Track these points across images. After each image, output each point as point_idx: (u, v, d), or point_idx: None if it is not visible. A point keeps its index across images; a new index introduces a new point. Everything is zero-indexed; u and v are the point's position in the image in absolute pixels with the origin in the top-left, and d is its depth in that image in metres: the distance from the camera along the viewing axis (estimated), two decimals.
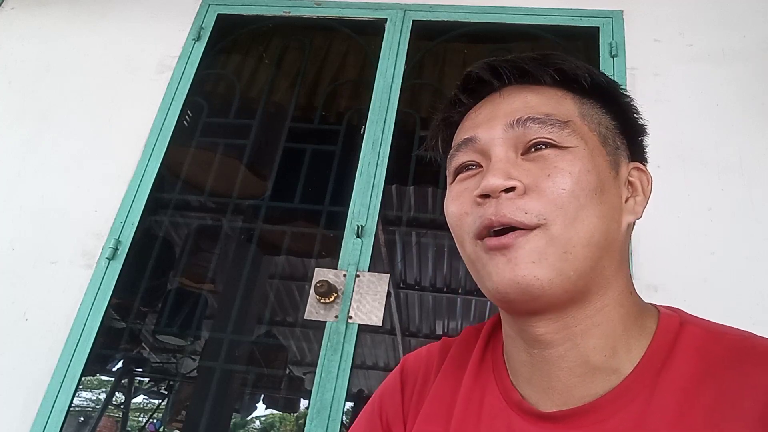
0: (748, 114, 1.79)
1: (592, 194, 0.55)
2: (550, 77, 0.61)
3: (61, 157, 2.06)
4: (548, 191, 0.54)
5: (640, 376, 0.54)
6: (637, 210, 0.61)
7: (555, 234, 0.53)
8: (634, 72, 1.92)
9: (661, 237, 1.62)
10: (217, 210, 3.25)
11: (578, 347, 0.55)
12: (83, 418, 5.47)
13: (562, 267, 0.53)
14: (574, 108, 0.60)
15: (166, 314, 3.30)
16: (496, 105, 0.62)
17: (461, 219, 0.59)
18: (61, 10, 2.42)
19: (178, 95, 2.11)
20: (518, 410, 0.58)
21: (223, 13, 2.31)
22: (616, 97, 0.63)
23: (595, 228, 0.55)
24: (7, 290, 1.83)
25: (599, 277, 0.56)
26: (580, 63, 0.62)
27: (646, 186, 0.63)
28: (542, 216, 0.54)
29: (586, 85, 0.61)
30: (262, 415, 8.80)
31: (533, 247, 0.53)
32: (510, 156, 0.57)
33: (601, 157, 0.58)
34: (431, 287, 4.49)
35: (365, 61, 2.44)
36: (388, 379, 0.73)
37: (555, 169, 0.55)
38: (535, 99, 0.60)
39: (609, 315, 0.56)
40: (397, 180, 2.63)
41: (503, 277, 0.53)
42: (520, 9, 2.12)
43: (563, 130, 0.57)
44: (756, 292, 1.52)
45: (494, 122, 0.60)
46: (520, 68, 0.62)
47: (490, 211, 0.55)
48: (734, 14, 1.99)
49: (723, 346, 0.53)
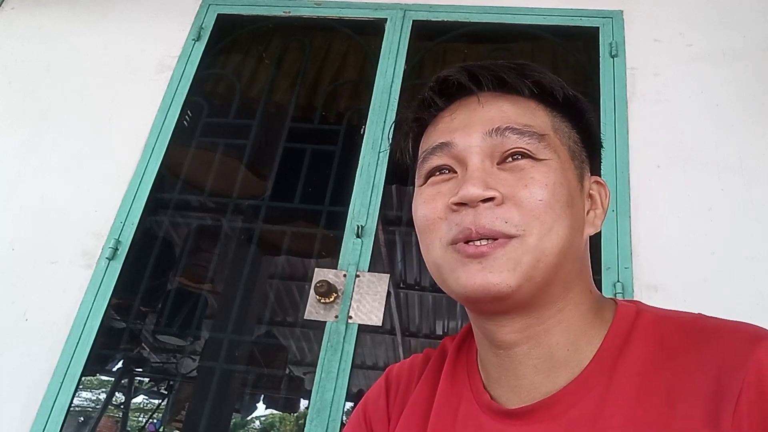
0: (748, 114, 1.79)
1: (565, 206, 0.57)
2: (528, 89, 0.62)
3: (61, 157, 2.06)
4: (526, 202, 0.56)
5: (598, 365, 0.56)
6: (596, 223, 0.63)
7: (531, 244, 0.55)
8: (634, 72, 1.92)
9: (661, 237, 1.62)
10: (217, 210, 3.25)
11: (541, 345, 0.58)
12: (83, 418, 5.47)
13: (532, 274, 0.55)
14: (547, 121, 0.61)
15: (166, 314, 3.30)
16: (473, 111, 0.62)
17: (433, 223, 0.59)
18: (61, 10, 2.42)
19: (178, 95, 2.11)
20: (488, 411, 0.60)
21: (223, 13, 2.30)
22: (582, 112, 0.65)
23: (566, 239, 0.57)
24: (7, 290, 1.83)
25: (562, 281, 0.58)
26: (554, 77, 0.63)
27: (604, 199, 0.65)
28: (521, 227, 0.55)
29: (559, 99, 0.62)
30: (262, 415, 8.80)
31: (509, 257, 0.54)
32: (486, 165, 0.58)
33: (570, 171, 0.60)
34: (431, 287, 4.49)
35: (365, 61, 2.44)
36: (372, 387, 0.76)
37: (532, 180, 0.57)
38: (511, 109, 0.61)
39: (570, 313, 0.58)
40: (397, 180, 2.63)
41: (473, 281, 0.55)
42: (520, 9, 2.12)
43: (540, 143, 0.59)
44: (756, 292, 1.52)
45: (471, 129, 0.60)
46: (498, 77, 0.62)
47: (468, 220, 0.56)
48: (734, 14, 1.99)
49: (676, 329, 0.55)
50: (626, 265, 1.61)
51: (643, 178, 1.71)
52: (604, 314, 0.60)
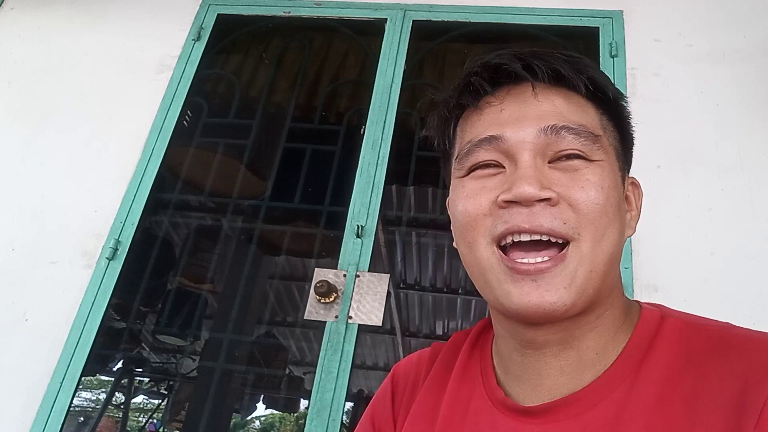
0: (748, 114, 1.79)
1: (616, 210, 0.56)
2: (584, 85, 0.58)
3: (61, 157, 2.05)
4: (582, 204, 0.53)
5: (620, 368, 0.54)
6: (632, 225, 0.62)
7: (585, 252, 0.53)
8: (634, 72, 1.92)
9: (661, 237, 1.62)
10: (217, 210, 3.25)
11: (572, 348, 0.56)
12: (83, 418, 5.46)
13: (585, 287, 0.53)
14: (597, 120, 0.59)
15: (166, 314, 3.30)
16: (524, 103, 0.58)
17: (476, 220, 0.56)
18: (61, 10, 2.42)
19: (178, 95, 2.11)
20: (502, 408, 0.58)
21: (223, 13, 2.30)
22: (622, 111, 0.63)
23: (615, 244, 0.55)
24: (7, 290, 1.83)
25: (607, 289, 0.56)
26: (605, 74, 0.61)
27: (638, 200, 0.63)
28: (577, 229, 0.53)
29: (610, 97, 0.60)
30: (262, 415, 8.80)
31: (567, 273, 0.52)
32: (539, 163, 0.55)
33: (618, 173, 0.59)
34: (431, 287, 4.49)
35: (365, 61, 2.44)
36: (380, 388, 0.74)
37: (588, 182, 0.54)
38: (563, 105, 0.58)
39: (606, 319, 0.57)
40: (397, 180, 2.63)
41: (527, 300, 0.52)
42: (520, 9, 2.12)
43: (594, 144, 0.56)
44: (756, 292, 1.52)
45: (524, 124, 0.56)
46: (554, 70, 0.58)
47: (520, 218, 0.53)
48: (734, 14, 1.99)
49: (702, 337, 0.54)
50: (626, 265, 1.60)
51: (643, 178, 1.70)
52: (630, 317, 0.59)
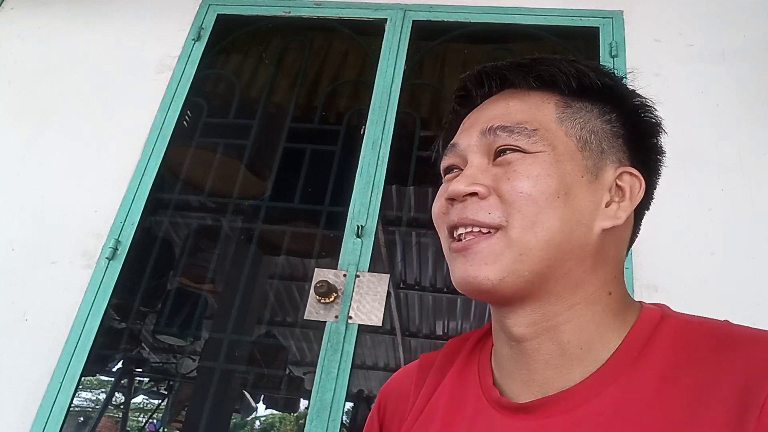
0: (748, 114, 1.79)
1: (552, 197, 0.57)
2: (527, 84, 0.63)
3: (61, 157, 2.05)
4: (506, 194, 0.57)
5: (615, 364, 0.55)
6: (619, 215, 0.60)
7: (513, 237, 0.56)
8: (634, 72, 1.91)
9: (661, 237, 1.62)
10: (217, 210, 3.25)
11: (552, 341, 0.58)
12: (83, 418, 5.47)
13: (515, 267, 0.56)
14: (552, 113, 0.62)
15: (166, 314, 3.31)
16: (479, 112, 0.65)
17: (439, 218, 0.63)
18: (61, 10, 2.42)
19: (178, 95, 2.11)
20: (497, 406, 0.60)
21: (223, 14, 2.30)
22: (619, 99, 0.64)
23: (555, 231, 0.56)
24: (7, 290, 1.83)
25: (564, 277, 0.57)
26: (571, 65, 0.63)
27: (636, 191, 0.62)
28: (503, 218, 0.57)
29: (567, 89, 0.62)
30: (262, 415, 8.80)
31: (489, 251, 0.57)
32: (482, 162, 0.61)
33: (571, 162, 0.59)
34: (431, 287, 4.49)
35: (365, 61, 2.44)
36: (369, 415, 0.77)
37: (514, 173, 0.58)
38: (516, 105, 0.63)
39: (580, 312, 0.58)
40: (397, 180, 2.63)
41: (459, 275, 0.58)
42: (520, 9, 2.12)
43: (529, 138, 0.59)
44: (756, 292, 1.52)
45: (472, 130, 0.63)
46: (501, 75, 0.65)
47: (455, 212, 0.60)
48: (734, 14, 1.99)
49: (702, 335, 0.55)
50: (626, 265, 1.60)
51: None
52: (626, 316, 0.59)
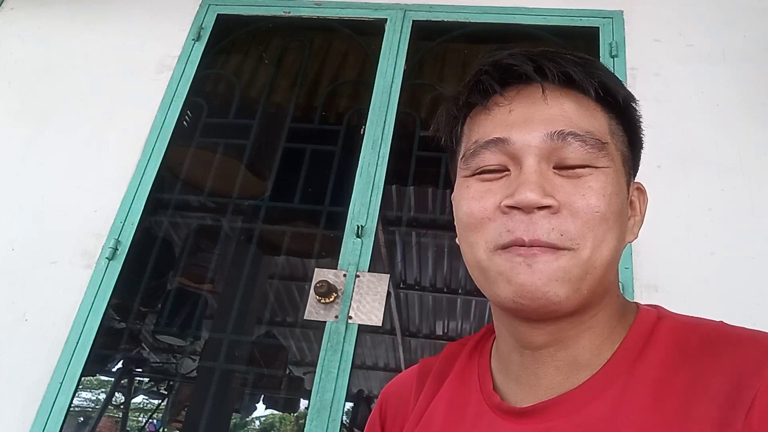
0: (748, 114, 1.79)
1: (617, 216, 0.55)
2: (594, 90, 0.57)
3: (61, 157, 2.05)
4: (582, 212, 0.53)
5: (613, 367, 0.55)
6: (635, 231, 0.62)
7: (583, 257, 0.53)
8: (634, 72, 1.92)
9: (661, 237, 1.62)
10: (217, 210, 3.25)
11: (568, 348, 0.57)
12: (83, 418, 5.47)
13: (579, 286, 0.53)
14: (605, 125, 0.58)
15: (166, 314, 3.30)
16: (533, 106, 0.58)
17: (480, 223, 0.56)
18: (61, 10, 2.42)
19: (177, 95, 2.11)
20: (499, 411, 0.59)
21: (223, 14, 2.30)
22: (633, 115, 0.62)
23: (614, 250, 0.55)
24: (7, 290, 1.83)
25: (603, 290, 0.57)
26: (616, 77, 0.61)
27: (643, 206, 0.63)
28: (576, 240, 0.53)
29: (620, 102, 0.59)
30: (262, 415, 8.80)
31: (559, 266, 0.52)
32: (543, 168, 0.55)
33: (623, 178, 0.58)
34: (431, 287, 4.49)
35: (365, 61, 2.44)
36: (371, 413, 0.75)
37: (590, 190, 0.54)
38: (572, 109, 0.57)
39: (600, 319, 0.58)
40: (397, 180, 2.63)
41: (524, 285, 0.52)
42: (520, 9, 2.12)
43: (600, 151, 0.56)
44: (756, 292, 1.52)
45: (531, 127, 0.56)
46: (566, 73, 0.58)
47: (522, 228, 0.53)
48: (734, 14, 1.99)
49: (697, 335, 0.55)
50: (626, 265, 1.60)
51: (643, 178, 1.70)
52: (626, 318, 0.59)
